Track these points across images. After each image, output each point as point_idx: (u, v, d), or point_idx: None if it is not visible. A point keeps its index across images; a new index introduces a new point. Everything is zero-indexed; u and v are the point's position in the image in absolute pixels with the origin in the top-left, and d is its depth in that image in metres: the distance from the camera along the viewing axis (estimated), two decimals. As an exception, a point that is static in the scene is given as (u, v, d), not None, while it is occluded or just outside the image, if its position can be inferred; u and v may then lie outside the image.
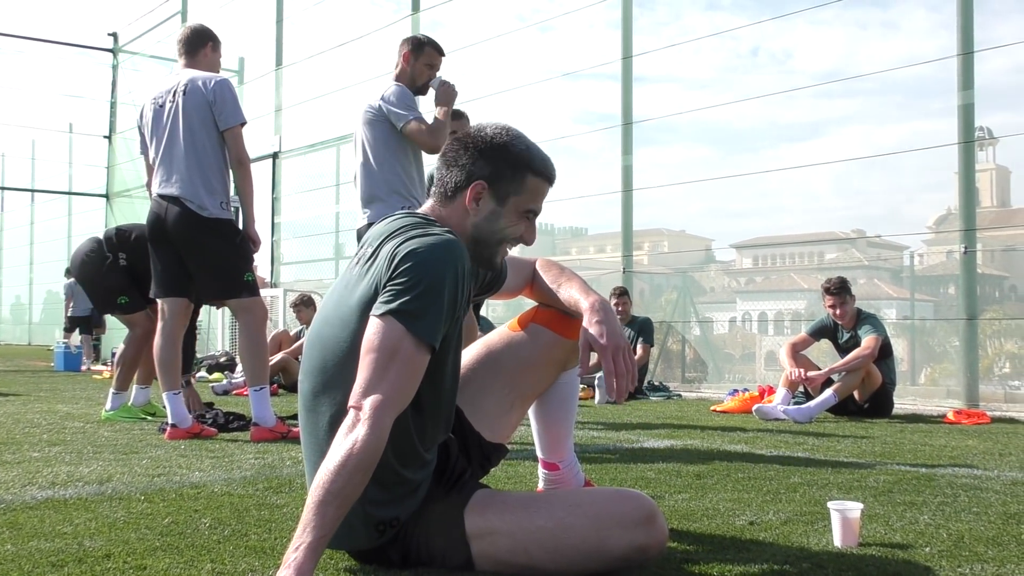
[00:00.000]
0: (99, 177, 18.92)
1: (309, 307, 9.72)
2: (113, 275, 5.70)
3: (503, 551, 1.91)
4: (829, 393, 5.94)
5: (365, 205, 4.55)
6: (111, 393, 5.62)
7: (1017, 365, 8.27)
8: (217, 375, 10.72)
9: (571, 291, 2.21)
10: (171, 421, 4.64)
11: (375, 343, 1.80)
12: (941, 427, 5.58)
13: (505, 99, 11.06)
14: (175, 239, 4.66)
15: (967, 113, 7.04)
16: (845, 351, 6.26)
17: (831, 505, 2.28)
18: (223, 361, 11.52)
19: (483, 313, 9.85)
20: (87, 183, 20.54)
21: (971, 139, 7.10)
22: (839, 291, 6.27)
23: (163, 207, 4.65)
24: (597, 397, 7.38)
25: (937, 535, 2.37)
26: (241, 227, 4.77)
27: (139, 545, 2.19)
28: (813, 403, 5.94)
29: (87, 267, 5.82)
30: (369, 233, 2.06)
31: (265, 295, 13.09)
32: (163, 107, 4.72)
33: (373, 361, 1.79)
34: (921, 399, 7.42)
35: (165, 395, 4.71)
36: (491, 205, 2.02)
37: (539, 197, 2.06)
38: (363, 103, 4.60)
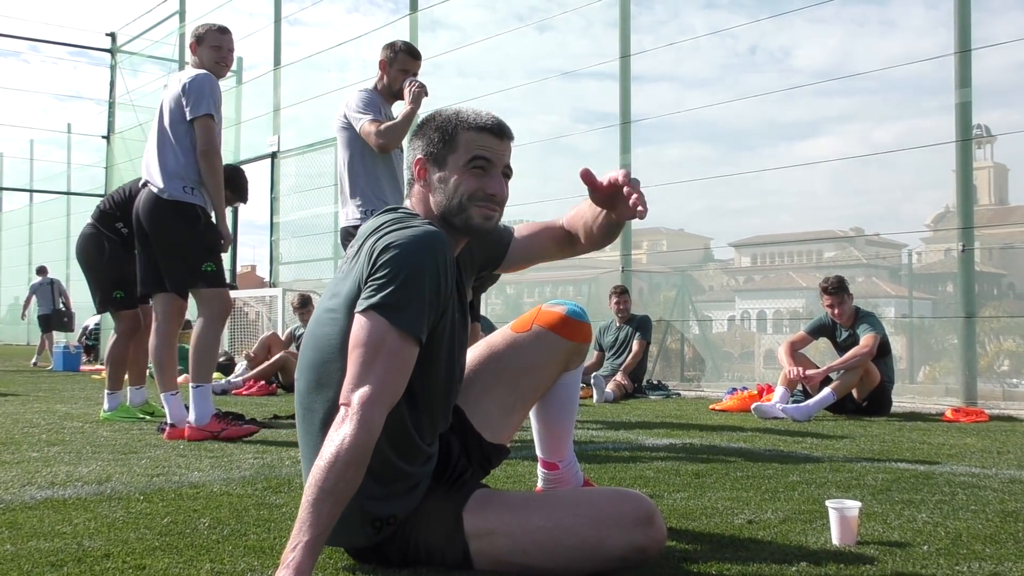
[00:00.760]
0: (97, 177, 18.91)
1: (307, 307, 9.74)
2: (113, 264, 5.63)
3: (501, 551, 1.91)
4: (827, 391, 5.95)
5: (341, 207, 4.70)
6: (106, 394, 5.61)
7: (1015, 363, 8.27)
8: (216, 375, 10.72)
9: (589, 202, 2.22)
10: (170, 421, 4.64)
11: (360, 338, 1.81)
12: (939, 425, 5.59)
13: (503, 98, 11.06)
14: (144, 226, 4.67)
15: (964, 111, 7.05)
16: (843, 349, 6.27)
17: (829, 503, 2.28)
18: (222, 361, 11.52)
19: (484, 313, 9.85)
20: (85, 183, 20.55)
21: (969, 137, 7.10)
22: (837, 290, 6.28)
23: (139, 197, 4.75)
24: (596, 396, 7.38)
25: (935, 533, 2.38)
26: (215, 219, 4.74)
27: (138, 545, 2.19)
28: (812, 401, 5.95)
29: (88, 255, 5.77)
30: (358, 232, 2.07)
31: (264, 295, 13.19)
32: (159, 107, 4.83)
33: (359, 357, 1.80)
34: (919, 397, 7.42)
35: (162, 396, 4.71)
36: (436, 174, 2.03)
37: (481, 147, 2.01)
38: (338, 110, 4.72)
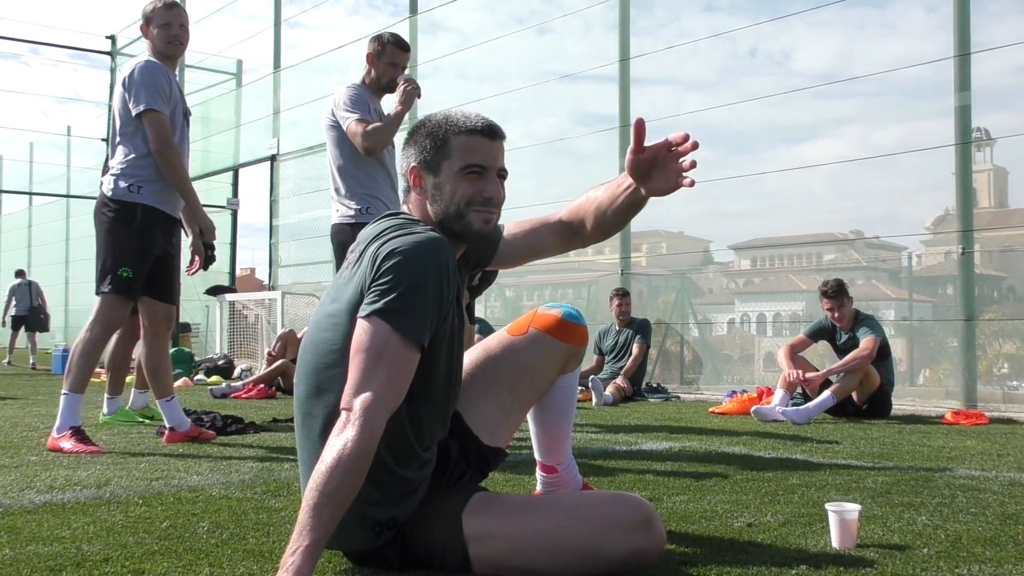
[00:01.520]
0: (97, 180, 18.88)
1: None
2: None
3: (501, 554, 1.91)
4: (827, 394, 5.94)
5: (333, 204, 4.60)
6: (106, 398, 5.52)
7: (1015, 366, 8.27)
8: (215, 378, 10.71)
9: (604, 185, 2.23)
10: (168, 425, 4.63)
11: (363, 344, 1.81)
12: (939, 428, 5.58)
13: (503, 101, 11.07)
14: None
15: (964, 114, 7.06)
16: (843, 352, 6.27)
17: (829, 506, 2.28)
18: (221, 364, 11.52)
19: (481, 315, 9.85)
20: (85, 186, 20.54)
21: (968, 140, 7.11)
22: (836, 294, 6.28)
23: None
24: (595, 399, 7.38)
25: (935, 536, 2.38)
26: (193, 211, 4.49)
27: (137, 549, 2.19)
28: (811, 404, 5.94)
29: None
30: (359, 237, 2.07)
31: (263, 298, 13.19)
32: None
33: (361, 362, 1.80)
34: (919, 400, 7.42)
35: (159, 402, 4.65)
36: (431, 180, 2.03)
37: (474, 152, 2.01)
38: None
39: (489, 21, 12.66)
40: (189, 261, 4.83)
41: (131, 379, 5.76)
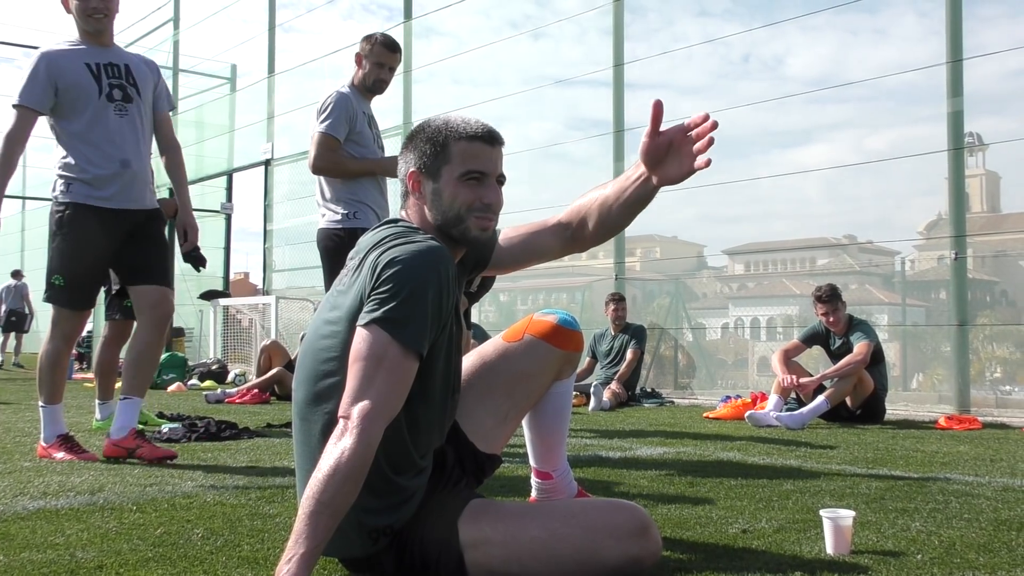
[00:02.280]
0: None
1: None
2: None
3: (496, 560, 1.91)
4: (821, 399, 5.96)
5: (320, 208, 4.52)
6: (97, 403, 5.46)
7: (1008, 370, 8.30)
8: (209, 383, 10.68)
9: (611, 182, 2.23)
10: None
11: (362, 352, 1.81)
12: (933, 433, 5.60)
13: (497, 106, 11.09)
14: None
15: (956, 120, 7.09)
16: (837, 357, 6.29)
17: (823, 513, 2.29)
18: (215, 369, 11.49)
19: (475, 319, 9.85)
20: (78, 190, 20.46)
21: (961, 145, 7.14)
22: (830, 298, 6.30)
23: None
24: (593, 403, 7.38)
25: (929, 542, 2.38)
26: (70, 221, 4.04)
27: (131, 556, 2.18)
28: (805, 410, 5.95)
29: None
30: (358, 244, 2.06)
31: (257, 302, 13.17)
32: None
33: (360, 370, 1.79)
34: (913, 405, 7.44)
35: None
36: (430, 186, 2.03)
37: (474, 158, 2.01)
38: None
39: (483, 26, 12.71)
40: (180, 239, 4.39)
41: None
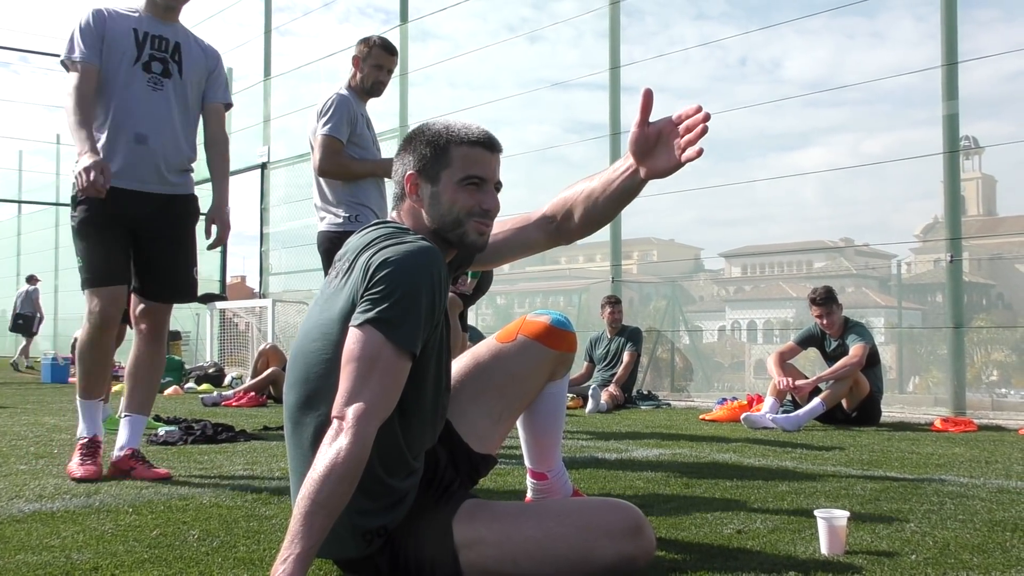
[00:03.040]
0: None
1: None
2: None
3: (491, 560, 1.91)
4: (817, 402, 5.97)
5: (319, 212, 4.48)
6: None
7: (1004, 373, 8.31)
8: (206, 386, 10.68)
9: (597, 175, 2.23)
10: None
11: (355, 352, 1.81)
12: (928, 435, 5.61)
13: (494, 108, 11.10)
14: None
15: (952, 123, 7.11)
16: (833, 360, 6.30)
17: (818, 513, 2.29)
18: (211, 372, 11.48)
19: (472, 322, 9.84)
20: (74, 194, 20.46)
21: (957, 149, 7.16)
22: (825, 301, 6.31)
23: None
24: (591, 405, 7.38)
25: (923, 543, 2.39)
26: (81, 211, 3.94)
27: (127, 558, 2.18)
28: (801, 412, 5.96)
29: None
30: (346, 246, 2.06)
31: (253, 305, 13.17)
32: None
33: (354, 371, 1.80)
34: (908, 407, 7.45)
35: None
36: (428, 189, 2.03)
37: (474, 164, 2.02)
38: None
39: (480, 29, 12.72)
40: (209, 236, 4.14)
41: (119, 387, 5.71)
